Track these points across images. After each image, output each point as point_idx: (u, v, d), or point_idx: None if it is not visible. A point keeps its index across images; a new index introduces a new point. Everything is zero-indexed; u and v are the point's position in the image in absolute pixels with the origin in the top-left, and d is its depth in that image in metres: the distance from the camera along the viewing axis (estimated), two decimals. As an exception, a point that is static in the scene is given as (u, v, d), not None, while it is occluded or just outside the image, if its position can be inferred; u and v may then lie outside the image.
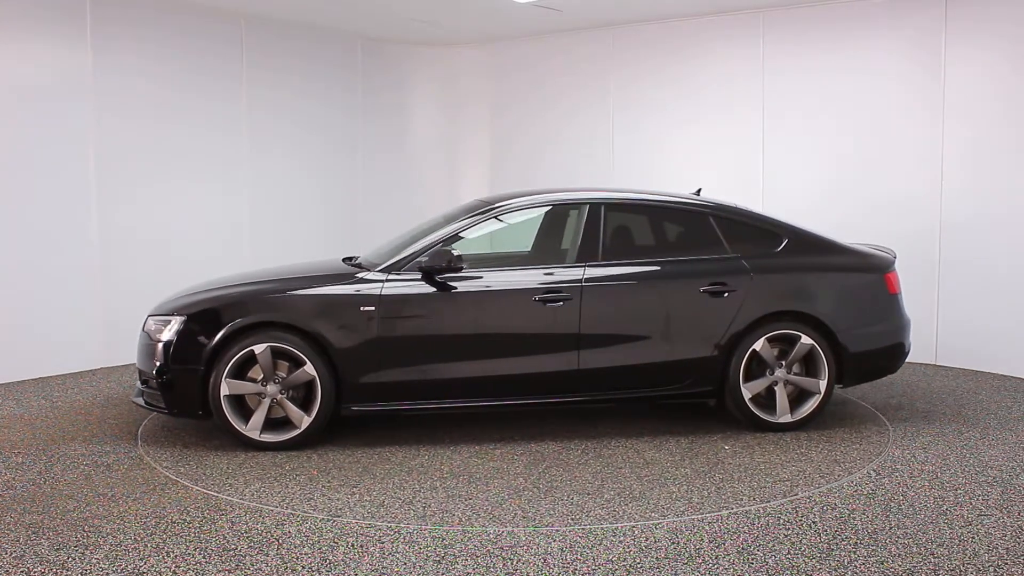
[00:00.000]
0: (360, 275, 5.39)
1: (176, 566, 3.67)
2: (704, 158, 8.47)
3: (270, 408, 5.23)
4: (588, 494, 4.51)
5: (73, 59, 7.31)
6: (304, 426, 5.21)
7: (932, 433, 5.55)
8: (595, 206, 5.65)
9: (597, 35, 9.11)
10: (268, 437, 5.22)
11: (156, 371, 5.29)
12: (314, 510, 4.33)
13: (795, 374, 5.56)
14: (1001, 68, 7.00)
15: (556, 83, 9.45)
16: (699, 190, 6.28)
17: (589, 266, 5.48)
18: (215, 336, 5.17)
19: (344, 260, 5.94)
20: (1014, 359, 7.05)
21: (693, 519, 4.16)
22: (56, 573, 3.61)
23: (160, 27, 7.85)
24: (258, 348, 5.16)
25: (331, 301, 5.28)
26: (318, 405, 5.20)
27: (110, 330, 7.60)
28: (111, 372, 7.41)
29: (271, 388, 5.20)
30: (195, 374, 5.18)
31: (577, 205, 5.75)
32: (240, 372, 5.23)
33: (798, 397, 5.61)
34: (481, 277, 5.46)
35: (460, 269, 5.36)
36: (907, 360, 6.07)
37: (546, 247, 6.13)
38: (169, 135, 7.95)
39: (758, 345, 5.48)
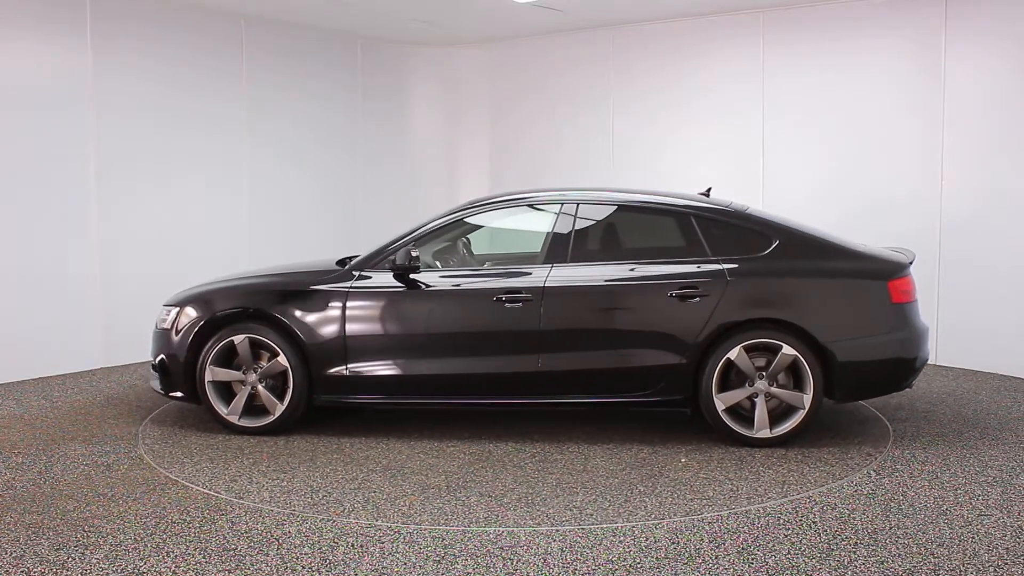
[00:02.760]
0: (335, 272, 5.61)
1: (176, 566, 3.67)
2: (705, 158, 8.47)
3: (255, 395, 5.56)
4: (491, 496, 4.48)
5: (73, 59, 7.31)
6: (277, 413, 5.50)
7: (932, 433, 5.54)
8: (568, 206, 5.57)
9: (597, 35, 9.11)
10: (246, 422, 5.54)
11: (156, 357, 5.74)
12: (226, 491, 4.57)
13: (780, 386, 5.20)
14: (1001, 68, 7.00)
15: (556, 83, 9.45)
16: (709, 189, 6.19)
17: (555, 267, 5.41)
18: (200, 326, 5.55)
19: (340, 260, 5.97)
20: (1014, 359, 7.04)
21: (693, 519, 4.16)
22: (56, 573, 3.62)
23: (160, 27, 7.85)
24: (237, 339, 5.49)
25: (304, 296, 5.52)
26: (290, 395, 5.46)
27: (110, 330, 7.60)
28: (111, 372, 7.42)
29: (251, 377, 5.52)
30: (186, 361, 5.57)
31: (553, 205, 5.64)
32: (229, 361, 5.56)
33: (785, 411, 5.24)
34: (448, 275, 5.57)
35: (417, 268, 5.45)
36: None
37: (523, 246, 6.12)
38: (169, 135, 7.95)
39: (733, 354, 5.14)
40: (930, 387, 6.70)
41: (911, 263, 5.41)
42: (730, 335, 5.18)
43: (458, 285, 5.50)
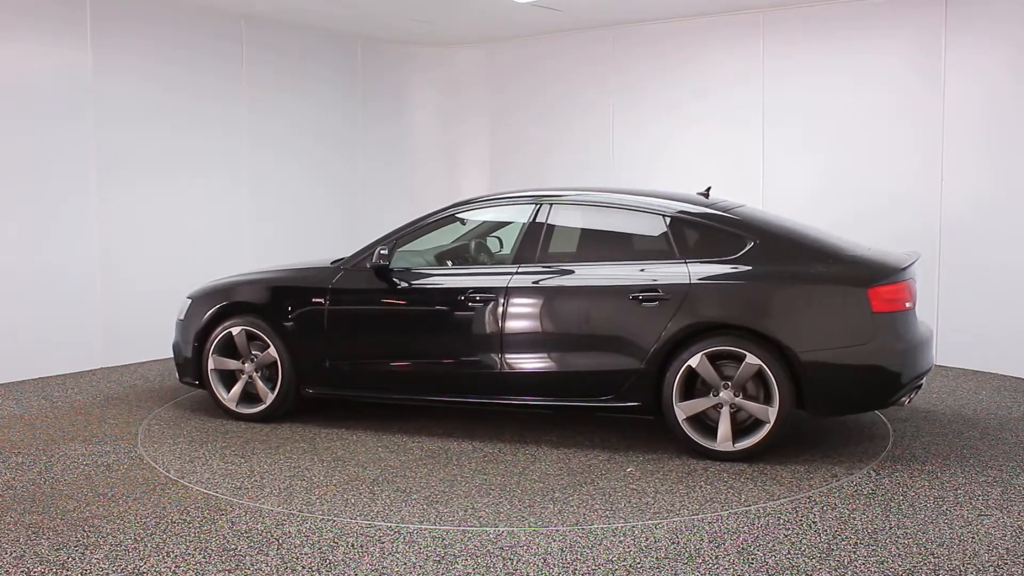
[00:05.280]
0: (322, 270, 5.82)
1: (176, 566, 3.67)
2: (705, 157, 8.47)
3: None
4: (402, 492, 4.55)
5: (73, 59, 7.31)
6: (268, 401, 5.80)
7: (932, 433, 5.54)
8: (543, 207, 5.50)
9: (597, 35, 9.11)
10: (242, 409, 5.87)
11: (172, 346, 6.18)
12: (168, 471, 4.91)
13: (749, 397, 4.89)
14: (1001, 68, 7.00)
15: (556, 83, 9.45)
16: (708, 189, 5.97)
17: (522, 267, 5.37)
18: (203, 318, 5.92)
19: (335, 260, 6.02)
20: (1014, 359, 7.04)
21: (693, 519, 4.16)
22: (56, 573, 3.62)
23: (160, 27, 7.85)
24: (235, 330, 5.83)
25: (293, 292, 5.79)
26: (279, 385, 5.74)
27: (110, 330, 7.60)
28: (111, 372, 7.42)
29: (248, 366, 5.84)
30: (194, 350, 5.94)
31: (528, 205, 5.57)
32: (231, 351, 5.88)
33: (756, 424, 4.91)
34: (424, 275, 5.64)
35: (387, 268, 5.57)
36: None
37: (499, 247, 6.12)
38: (169, 135, 7.95)
39: (695, 361, 4.88)
40: (930, 387, 6.69)
41: (905, 268, 4.96)
42: (690, 341, 4.94)
43: (430, 284, 5.57)
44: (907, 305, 4.90)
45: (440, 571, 3.63)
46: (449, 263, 5.96)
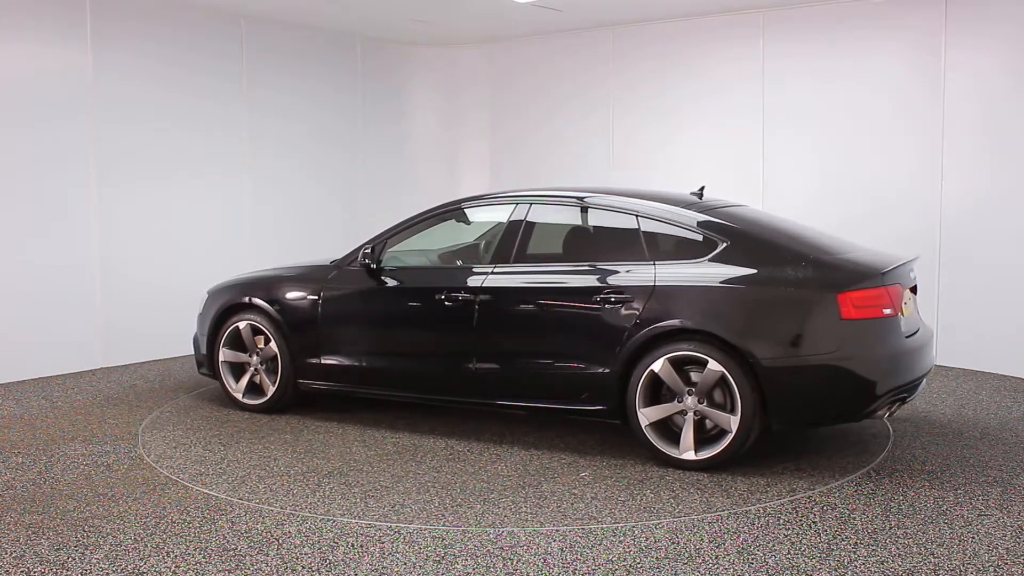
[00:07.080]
0: (319, 269, 6.00)
1: (176, 566, 3.67)
2: (705, 157, 8.47)
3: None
4: (347, 486, 4.63)
5: (73, 59, 7.31)
6: (269, 394, 6.02)
7: (932, 433, 5.54)
8: (521, 207, 5.47)
9: (597, 35, 9.11)
10: (248, 400, 6.11)
11: (192, 339, 6.47)
12: (156, 457, 5.14)
13: (716, 405, 4.70)
14: (1000, 68, 7.00)
15: (556, 83, 9.45)
16: (702, 188, 5.82)
17: (497, 267, 5.35)
18: (215, 312, 6.19)
19: (333, 260, 6.07)
20: (1014, 359, 7.04)
21: (693, 519, 4.16)
22: (56, 573, 3.62)
23: (160, 27, 7.85)
24: (241, 325, 6.08)
25: (291, 289, 5.98)
26: (278, 377, 5.95)
27: (110, 330, 7.60)
28: (111, 372, 7.42)
29: (254, 359, 6.08)
30: (207, 343, 6.23)
31: (508, 205, 5.55)
32: (240, 344, 6.13)
33: (721, 433, 4.71)
34: (409, 274, 5.74)
35: (372, 267, 5.70)
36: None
37: (483, 247, 6.10)
38: (169, 135, 7.95)
39: (657, 366, 4.72)
40: (930, 387, 6.69)
41: (884, 272, 4.70)
42: (654, 345, 4.77)
43: (412, 283, 5.66)
44: (885, 311, 4.63)
45: (440, 571, 3.63)
46: (459, 262, 5.97)
